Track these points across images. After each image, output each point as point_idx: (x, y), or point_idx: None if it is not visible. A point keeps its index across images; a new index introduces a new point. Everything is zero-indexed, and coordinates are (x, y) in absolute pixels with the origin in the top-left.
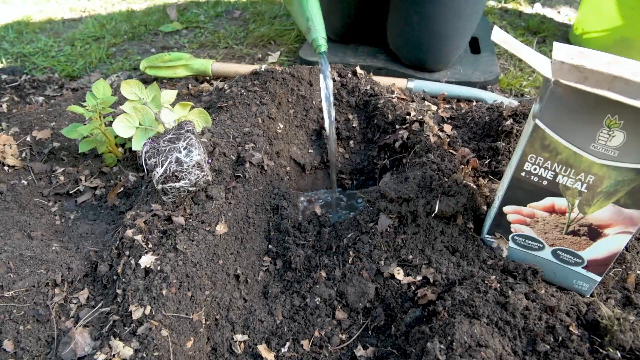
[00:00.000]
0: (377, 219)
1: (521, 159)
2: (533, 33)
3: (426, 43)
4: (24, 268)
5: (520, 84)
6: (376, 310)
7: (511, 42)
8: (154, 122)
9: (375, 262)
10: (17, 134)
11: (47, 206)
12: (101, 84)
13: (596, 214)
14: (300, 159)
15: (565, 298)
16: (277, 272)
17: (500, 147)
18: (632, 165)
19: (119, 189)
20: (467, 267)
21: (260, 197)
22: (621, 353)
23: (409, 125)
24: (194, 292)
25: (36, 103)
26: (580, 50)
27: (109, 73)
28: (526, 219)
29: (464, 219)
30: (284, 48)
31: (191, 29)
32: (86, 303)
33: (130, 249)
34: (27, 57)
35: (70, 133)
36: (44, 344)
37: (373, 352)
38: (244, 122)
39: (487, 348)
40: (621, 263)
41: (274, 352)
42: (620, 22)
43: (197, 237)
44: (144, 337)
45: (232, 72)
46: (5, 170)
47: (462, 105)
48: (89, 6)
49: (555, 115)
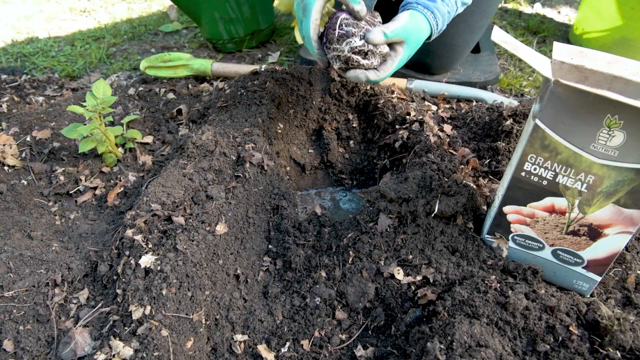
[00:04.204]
0: (377, 219)
1: (521, 158)
2: (533, 33)
3: (435, 50)
4: (24, 268)
5: (520, 84)
6: (376, 310)
7: (511, 42)
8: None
9: (375, 262)
10: (17, 134)
11: (47, 206)
12: (101, 84)
13: (596, 214)
14: (300, 159)
15: (565, 298)
16: (277, 272)
17: (500, 147)
18: (632, 165)
19: (119, 189)
20: (467, 267)
21: (260, 197)
22: (621, 353)
23: (409, 125)
24: (194, 292)
25: (36, 103)
26: (580, 50)
27: (109, 73)
28: (526, 219)
29: (464, 219)
30: (284, 48)
31: (191, 29)
32: (86, 303)
33: (130, 249)
34: (27, 57)
35: (70, 133)
36: (44, 344)
37: (373, 352)
38: (244, 122)
39: (487, 348)
40: (621, 263)
41: (274, 352)
42: (620, 22)
43: (197, 237)
44: (144, 337)
45: (232, 72)
46: (5, 170)
47: (462, 105)
48: (89, 6)
49: (555, 115)
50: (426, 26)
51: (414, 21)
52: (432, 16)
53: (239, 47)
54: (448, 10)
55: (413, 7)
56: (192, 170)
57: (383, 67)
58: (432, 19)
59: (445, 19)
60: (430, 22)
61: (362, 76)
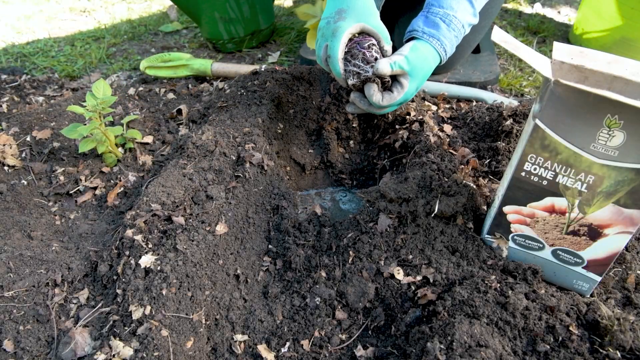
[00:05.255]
0: (377, 219)
1: (521, 158)
2: (533, 33)
3: None
4: (24, 268)
5: (520, 84)
6: (376, 310)
7: (511, 42)
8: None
9: (375, 262)
10: (17, 134)
11: (47, 206)
12: (101, 84)
13: (596, 214)
14: (300, 159)
15: (565, 298)
16: (277, 272)
17: (500, 147)
18: (632, 165)
19: (119, 189)
20: (467, 267)
21: (260, 197)
22: (621, 353)
23: (409, 125)
24: (194, 292)
25: (36, 103)
26: (580, 50)
27: (109, 73)
28: (526, 219)
29: (463, 219)
30: (284, 48)
31: (191, 29)
32: (86, 303)
33: (130, 249)
34: (27, 57)
35: (70, 133)
36: (44, 344)
37: (373, 352)
38: (244, 122)
39: (487, 348)
40: (621, 263)
41: (274, 352)
42: (620, 22)
43: (197, 237)
44: (144, 337)
45: (232, 72)
46: (5, 170)
47: (462, 105)
48: (89, 6)
49: (555, 115)
50: (433, 55)
51: (417, 53)
52: (439, 43)
53: (239, 47)
54: (455, 35)
55: (418, 35)
56: (192, 170)
57: (387, 97)
58: (439, 46)
59: (453, 43)
60: (438, 49)
61: (376, 97)
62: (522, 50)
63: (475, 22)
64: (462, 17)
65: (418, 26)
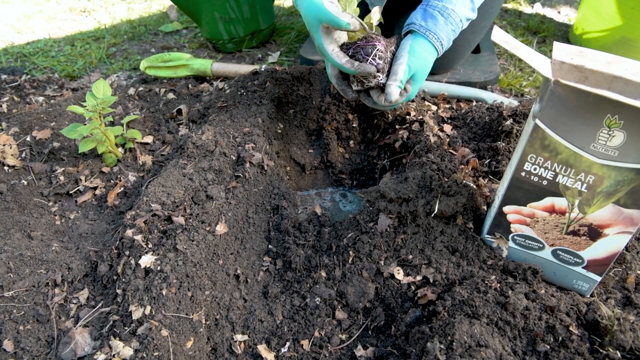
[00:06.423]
0: (377, 219)
1: (521, 158)
2: (533, 33)
3: None
4: (24, 268)
5: (520, 84)
6: (376, 310)
7: (511, 42)
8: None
9: (375, 262)
10: (17, 134)
11: (47, 206)
12: (101, 84)
13: (596, 214)
14: (300, 159)
15: (565, 298)
16: (277, 272)
17: (500, 147)
18: (632, 165)
19: (119, 189)
20: (467, 267)
21: (260, 197)
22: (621, 353)
23: (409, 125)
24: (194, 292)
25: (36, 103)
26: (580, 50)
27: (109, 73)
28: (526, 219)
29: (463, 219)
30: (284, 48)
31: (191, 29)
32: (86, 303)
33: (130, 249)
34: (27, 57)
35: (70, 133)
36: (44, 344)
37: (373, 352)
38: (244, 122)
39: (487, 348)
40: (621, 263)
41: (274, 352)
42: (620, 22)
43: (197, 237)
44: (144, 337)
45: (232, 72)
46: (5, 170)
47: (462, 105)
48: (89, 6)
49: (555, 115)
50: (430, 50)
51: (416, 55)
52: (435, 37)
53: (239, 47)
54: (452, 29)
55: (416, 28)
56: (192, 170)
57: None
58: (435, 40)
59: (450, 37)
60: (434, 44)
61: (383, 102)
62: (522, 50)
63: (474, 17)
64: (461, 12)
65: (416, 19)
